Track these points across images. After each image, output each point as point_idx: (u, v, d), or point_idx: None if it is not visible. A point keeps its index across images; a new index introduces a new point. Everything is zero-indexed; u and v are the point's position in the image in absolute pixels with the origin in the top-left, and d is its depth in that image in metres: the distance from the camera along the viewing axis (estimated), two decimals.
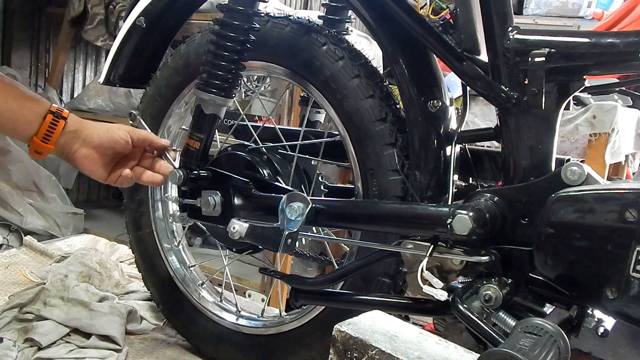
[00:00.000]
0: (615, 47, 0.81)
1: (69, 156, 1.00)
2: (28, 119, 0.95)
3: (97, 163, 1.01)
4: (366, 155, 1.05)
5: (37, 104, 0.96)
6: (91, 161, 1.00)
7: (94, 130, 1.00)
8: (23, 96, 0.95)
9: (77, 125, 0.99)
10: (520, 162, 0.90)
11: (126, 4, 2.55)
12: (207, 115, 1.08)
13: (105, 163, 1.02)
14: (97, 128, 1.01)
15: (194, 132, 1.10)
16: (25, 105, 0.95)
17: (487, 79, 0.91)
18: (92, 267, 1.55)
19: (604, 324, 0.82)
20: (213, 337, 1.32)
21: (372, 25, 1.02)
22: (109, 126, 1.03)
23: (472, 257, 0.87)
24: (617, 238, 0.74)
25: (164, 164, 1.08)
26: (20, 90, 0.95)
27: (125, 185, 1.07)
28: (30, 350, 1.23)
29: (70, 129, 0.97)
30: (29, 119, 0.95)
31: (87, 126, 1.00)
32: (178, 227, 1.41)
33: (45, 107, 0.96)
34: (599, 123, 2.02)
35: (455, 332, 0.94)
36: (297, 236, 0.98)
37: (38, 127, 0.95)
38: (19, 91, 0.95)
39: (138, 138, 1.04)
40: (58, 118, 0.96)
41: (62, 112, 0.97)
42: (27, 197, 2.52)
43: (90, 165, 1.01)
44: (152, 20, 1.25)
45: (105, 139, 1.00)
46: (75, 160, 1.00)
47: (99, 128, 1.01)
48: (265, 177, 1.16)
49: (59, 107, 0.97)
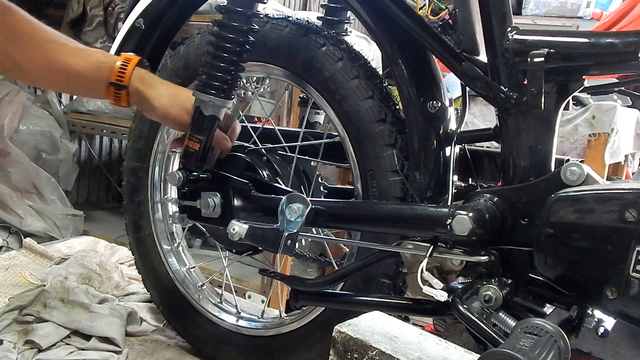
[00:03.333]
0: (615, 47, 0.81)
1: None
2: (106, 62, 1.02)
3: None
4: (366, 156, 1.05)
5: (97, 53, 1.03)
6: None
7: (158, 101, 1.05)
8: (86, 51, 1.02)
9: (137, 98, 1.04)
10: (520, 163, 0.90)
11: (125, 6, 2.55)
12: (207, 116, 1.07)
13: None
14: (160, 104, 1.06)
15: (193, 134, 1.10)
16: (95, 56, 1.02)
17: (487, 80, 0.91)
18: (92, 269, 1.55)
19: (604, 324, 0.82)
20: (213, 339, 1.32)
21: (371, 26, 1.02)
22: (170, 103, 1.07)
23: (472, 258, 0.87)
24: (617, 238, 0.74)
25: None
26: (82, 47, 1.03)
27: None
28: (31, 352, 1.22)
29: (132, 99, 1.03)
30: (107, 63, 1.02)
31: (149, 98, 1.05)
32: (178, 229, 1.41)
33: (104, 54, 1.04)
34: (598, 123, 2.02)
35: (455, 333, 0.94)
36: (297, 237, 0.98)
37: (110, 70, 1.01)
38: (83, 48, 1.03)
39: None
40: (119, 89, 1.01)
41: (122, 80, 1.01)
42: (26, 199, 2.52)
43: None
44: (151, 22, 1.25)
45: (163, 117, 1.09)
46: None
47: (162, 95, 1.06)
48: (265, 178, 1.16)
49: (117, 78, 1.01)
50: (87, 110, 2.80)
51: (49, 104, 2.76)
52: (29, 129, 2.59)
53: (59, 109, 2.79)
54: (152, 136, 1.35)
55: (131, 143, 1.40)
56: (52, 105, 2.76)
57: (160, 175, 1.38)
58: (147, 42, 1.28)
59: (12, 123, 2.49)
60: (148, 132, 1.35)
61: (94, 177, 3.28)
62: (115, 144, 3.34)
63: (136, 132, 1.38)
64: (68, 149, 2.73)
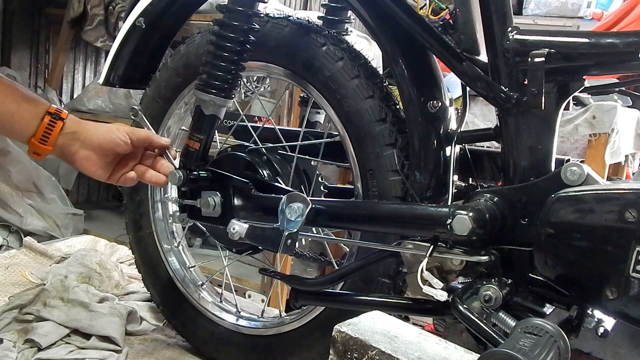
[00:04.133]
0: (615, 47, 0.81)
1: (69, 157, 1.00)
2: (26, 120, 0.95)
3: (97, 164, 1.01)
4: (366, 156, 1.05)
5: (36, 104, 0.96)
6: (91, 162, 1.00)
7: (94, 131, 1.00)
8: (22, 97, 0.95)
9: (76, 127, 0.98)
10: (520, 163, 0.90)
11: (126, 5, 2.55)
12: (207, 115, 1.07)
13: (106, 164, 1.02)
14: (96, 129, 1.00)
15: (194, 133, 1.10)
16: (23, 107, 0.94)
17: (487, 79, 0.91)
18: (92, 268, 1.55)
19: (604, 324, 0.82)
20: (213, 338, 1.32)
21: (371, 26, 1.02)
22: (108, 127, 1.02)
23: (472, 258, 0.86)
24: (617, 238, 0.74)
25: (165, 164, 1.08)
26: (19, 91, 0.95)
27: (128, 185, 1.07)
28: (30, 351, 1.22)
29: (68, 130, 0.97)
30: (27, 120, 0.95)
31: (86, 127, 1.00)
32: (178, 228, 1.41)
33: (43, 108, 0.96)
34: (598, 123, 2.02)
35: (455, 333, 0.94)
36: (297, 237, 0.98)
37: (36, 128, 0.95)
38: (17, 92, 0.94)
39: (138, 139, 1.04)
40: (56, 119, 0.96)
41: (61, 113, 0.96)
42: (27, 198, 2.52)
43: (90, 167, 1.01)
44: (152, 21, 1.25)
45: (105, 140, 1.00)
46: (75, 162, 1.00)
47: (98, 129, 1.01)
48: (265, 177, 1.16)
49: (57, 108, 0.97)
50: (88, 109, 2.81)
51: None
52: None
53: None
54: None
55: None
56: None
57: None
58: (147, 41, 1.28)
59: None
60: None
61: None
62: None
63: None
64: None
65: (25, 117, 0.95)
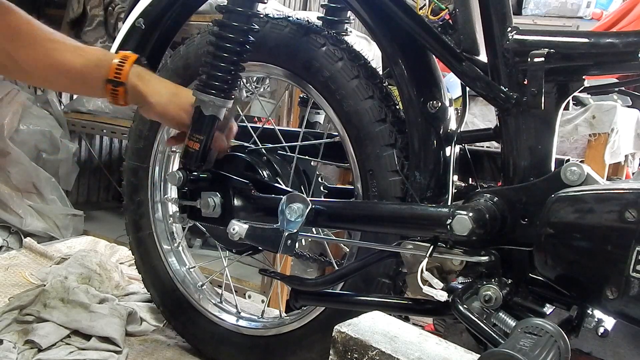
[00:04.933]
0: (615, 47, 0.81)
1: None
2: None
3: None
4: (366, 156, 1.05)
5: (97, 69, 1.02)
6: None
7: (156, 99, 1.05)
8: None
9: (135, 96, 1.04)
10: (520, 163, 0.90)
11: (125, 6, 2.55)
12: (207, 116, 1.07)
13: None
14: (158, 102, 1.06)
15: (194, 134, 1.10)
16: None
17: (487, 80, 0.91)
18: (92, 269, 1.55)
19: (604, 324, 0.82)
20: (213, 339, 1.32)
21: (371, 26, 1.02)
22: (168, 102, 1.07)
23: (472, 258, 0.87)
24: (617, 238, 0.74)
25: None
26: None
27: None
28: (31, 352, 1.22)
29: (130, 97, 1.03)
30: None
31: (146, 95, 1.04)
32: (178, 229, 1.41)
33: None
34: (598, 123, 2.02)
35: (455, 333, 0.94)
36: (297, 237, 0.98)
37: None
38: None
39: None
40: (116, 86, 1.01)
41: (120, 77, 1.01)
42: (26, 199, 2.52)
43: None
44: (151, 22, 1.25)
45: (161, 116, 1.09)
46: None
47: (159, 102, 1.06)
48: (265, 178, 1.16)
49: (115, 75, 1.01)
50: (87, 110, 2.80)
51: (49, 104, 2.76)
52: (29, 128, 2.59)
53: (59, 109, 2.79)
54: (152, 136, 1.35)
55: (131, 143, 1.40)
56: (52, 105, 2.76)
57: (160, 175, 1.38)
58: (147, 42, 1.28)
59: (12, 123, 2.49)
60: (148, 132, 1.36)
61: (94, 177, 3.28)
62: (115, 144, 3.34)
63: (136, 132, 1.38)
64: (68, 149, 2.73)
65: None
